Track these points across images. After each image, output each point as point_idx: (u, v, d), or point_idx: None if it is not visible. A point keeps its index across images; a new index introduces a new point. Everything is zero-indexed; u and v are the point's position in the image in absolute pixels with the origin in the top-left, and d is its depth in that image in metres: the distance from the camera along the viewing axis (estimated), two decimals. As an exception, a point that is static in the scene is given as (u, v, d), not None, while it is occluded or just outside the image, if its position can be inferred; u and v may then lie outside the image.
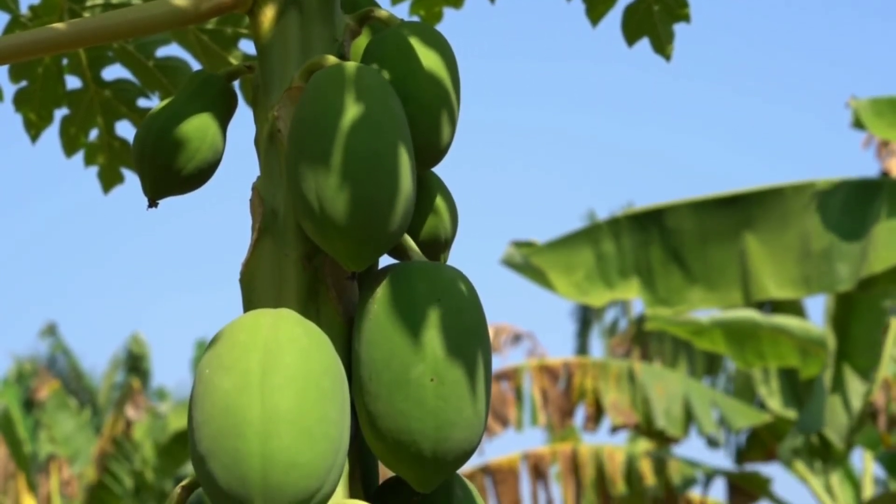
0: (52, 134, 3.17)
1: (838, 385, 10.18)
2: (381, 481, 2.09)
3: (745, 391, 13.57)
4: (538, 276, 9.85)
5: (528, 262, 9.85)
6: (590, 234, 9.64)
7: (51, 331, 27.59)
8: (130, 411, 17.39)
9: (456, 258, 2.18)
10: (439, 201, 2.16)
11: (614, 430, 12.75)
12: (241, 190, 2.15)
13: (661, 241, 9.38)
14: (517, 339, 15.76)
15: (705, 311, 11.05)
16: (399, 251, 2.09)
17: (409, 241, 2.09)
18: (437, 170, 2.17)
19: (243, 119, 2.35)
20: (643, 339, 14.92)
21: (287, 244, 2.05)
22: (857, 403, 10.18)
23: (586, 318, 25.12)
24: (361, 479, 2.04)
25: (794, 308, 12.57)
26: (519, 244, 10.09)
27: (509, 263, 10.17)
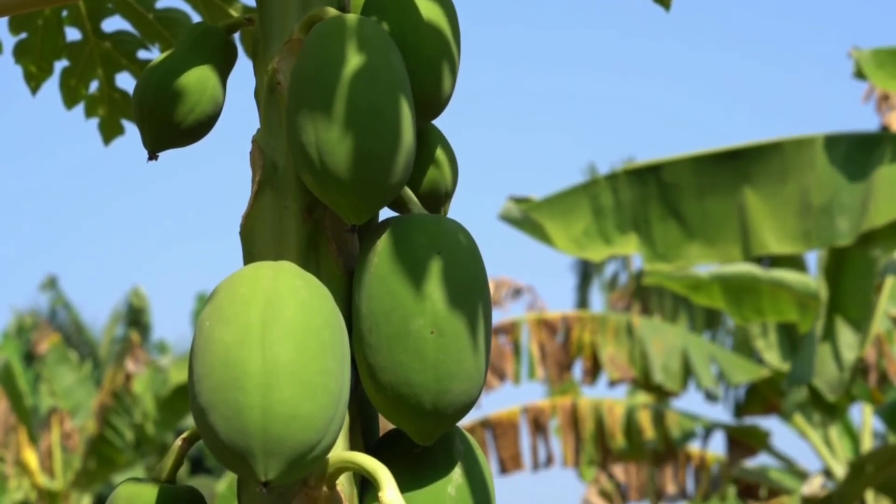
0: (52, 86, 3.16)
1: (829, 337, 10.14)
2: (381, 434, 2.09)
3: (744, 346, 13.58)
4: (536, 230, 9.79)
5: (526, 216, 9.79)
6: (587, 189, 9.57)
7: (51, 284, 27.64)
8: (130, 365, 17.40)
9: (458, 212, 2.18)
10: (440, 154, 2.16)
11: (612, 384, 12.76)
12: (242, 143, 2.15)
13: (660, 196, 9.31)
14: (517, 293, 15.74)
15: (705, 265, 11.01)
16: (399, 204, 2.08)
17: (410, 193, 2.09)
18: (438, 123, 2.16)
19: (243, 72, 2.34)
20: (644, 294, 14.92)
21: (287, 197, 2.05)
22: (848, 355, 10.14)
23: (587, 271, 25.13)
24: (362, 431, 2.04)
25: (794, 262, 12.54)
26: (517, 199, 10.01)
27: (507, 218, 10.09)
